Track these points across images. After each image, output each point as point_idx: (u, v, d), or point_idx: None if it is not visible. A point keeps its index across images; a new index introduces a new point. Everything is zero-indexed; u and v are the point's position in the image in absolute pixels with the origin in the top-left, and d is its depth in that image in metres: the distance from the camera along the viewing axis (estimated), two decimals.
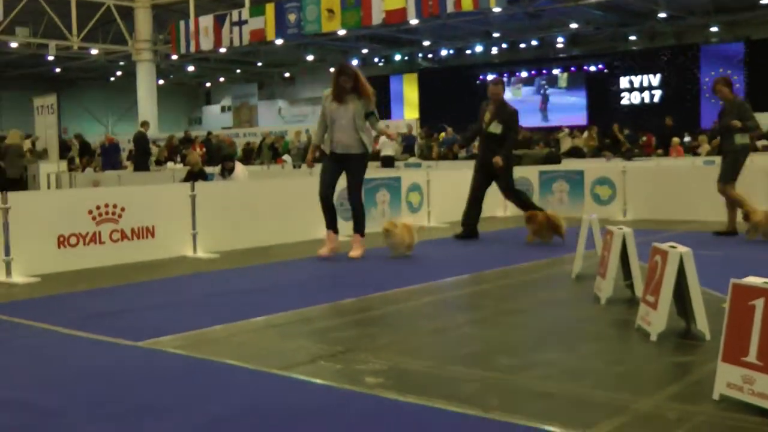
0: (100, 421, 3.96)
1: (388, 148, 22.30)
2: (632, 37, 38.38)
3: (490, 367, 4.76)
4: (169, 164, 24.02)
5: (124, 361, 5.15)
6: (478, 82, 39.53)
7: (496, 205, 14.10)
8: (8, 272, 8.41)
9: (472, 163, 18.56)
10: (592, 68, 38.31)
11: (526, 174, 14.49)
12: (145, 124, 24.07)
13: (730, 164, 10.87)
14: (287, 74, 48.25)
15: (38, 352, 5.46)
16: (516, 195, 11.73)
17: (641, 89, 36.94)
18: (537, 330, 5.89)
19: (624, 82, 37.23)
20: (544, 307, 6.71)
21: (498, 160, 10.94)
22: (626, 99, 37.19)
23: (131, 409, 4.13)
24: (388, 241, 9.34)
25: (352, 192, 9.57)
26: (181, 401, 4.24)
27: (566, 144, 25.06)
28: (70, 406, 4.21)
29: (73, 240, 9.00)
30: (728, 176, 10.85)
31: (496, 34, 37.66)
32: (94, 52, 34.94)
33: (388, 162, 21.02)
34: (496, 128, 11.12)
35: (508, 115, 11.24)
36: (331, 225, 9.56)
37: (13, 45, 32.42)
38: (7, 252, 8.41)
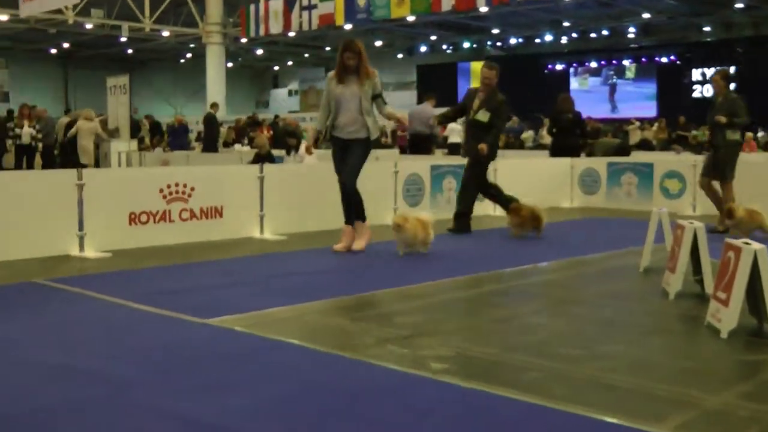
0: (168, 395, 4.04)
1: (455, 134, 22.14)
2: (706, 28, 37.49)
3: (554, 357, 4.74)
4: (237, 146, 24.18)
5: (192, 337, 5.24)
6: (546, 71, 39.24)
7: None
8: (81, 247, 8.60)
9: (540, 153, 18.55)
10: (664, 59, 37.66)
11: (594, 165, 14.35)
12: (214, 105, 24.34)
13: (723, 161, 10.62)
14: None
15: (110, 325, 5.58)
16: (485, 188, 10.97)
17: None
18: (602, 321, 5.84)
19: (696, 74, 36.42)
20: (609, 299, 6.65)
21: (483, 147, 10.33)
22: (698, 92, 36.44)
23: (198, 384, 4.20)
24: (398, 236, 8.58)
25: (347, 176, 8.82)
26: (246, 379, 4.31)
27: (635, 136, 24.73)
28: (141, 378, 4.30)
29: (143, 217, 9.16)
30: (728, 174, 10.65)
31: (566, 23, 37.25)
32: (165, 34, 35.36)
33: (454, 149, 20.89)
34: (483, 116, 10.55)
35: (497, 102, 10.64)
36: (351, 219, 8.90)
37: (88, 26, 32.99)
38: (81, 227, 8.60)
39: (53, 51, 44.69)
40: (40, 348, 4.92)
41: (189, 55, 45.71)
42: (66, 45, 42.02)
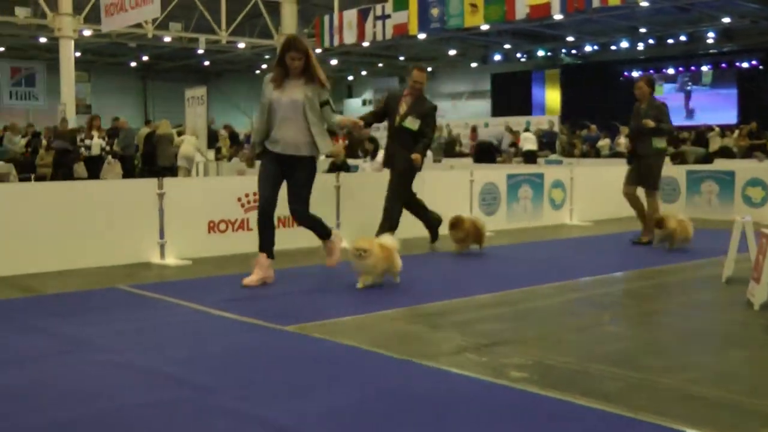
0: (247, 399, 4.09)
1: (529, 143, 22.05)
2: None
3: (635, 367, 4.67)
4: None
5: (269, 342, 5.30)
6: (622, 78, 38.68)
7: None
8: (162, 254, 8.77)
9: (617, 161, 18.31)
10: (745, 64, 36.87)
11: (672, 173, 14.11)
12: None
13: (648, 170, 10.28)
14: (429, 69, 48.36)
15: (190, 330, 5.68)
16: (410, 202, 9.92)
17: None
18: (684, 332, 5.74)
19: None
20: (691, 309, 6.53)
21: (417, 157, 9.46)
22: None
23: (278, 390, 4.24)
24: (357, 262, 7.14)
25: (296, 204, 7.55)
26: (324, 384, 4.33)
27: (715, 143, 24.28)
28: (222, 383, 4.36)
29: (222, 226, 9.31)
30: (655, 183, 10.36)
31: (642, 29, 36.74)
32: (241, 45, 35.72)
33: (530, 158, 20.81)
34: (412, 124, 9.60)
35: (427, 109, 9.79)
36: (266, 247, 7.48)
37: (167, 39, 33.56)
38: (162, 235, 8.77)
39: (133, 64, 45.57)
40: (124, 351, 5.02)
41: (264, 66, 46.17)
42: (145, 58, 42.82)
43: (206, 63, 44.67)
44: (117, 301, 6.72)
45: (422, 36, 29.98)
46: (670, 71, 39.40)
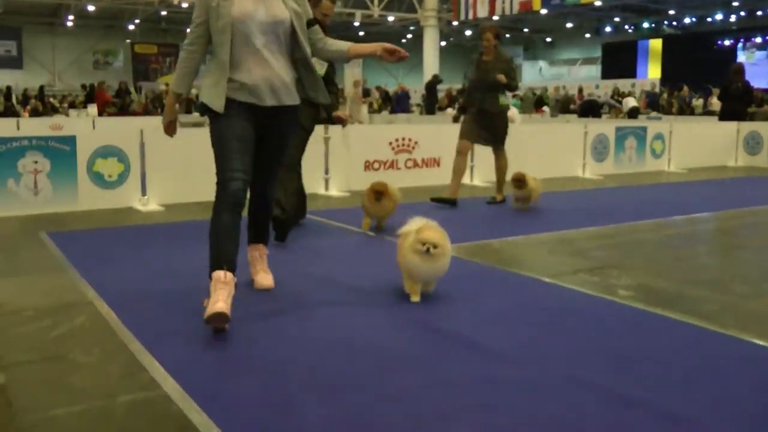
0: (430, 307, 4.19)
1: (632, 101, 21.36)
2: None
3: (726, 292, 4.56)
4: (448, 110, 24.33)
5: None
6: (715, 47, 36.83)
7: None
8: (327, 187, 8.98)
9: (709, 118, 17.54)
10: None
11: (758, 129, 13.44)
12: (436, 76, 24.67)
13: (501, 126, 8.08)
14: (548, 39, 47.20)
15: (349, 247, 5.84)
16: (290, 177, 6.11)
17: None
18: None
19: None
20: None
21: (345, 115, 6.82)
22: None
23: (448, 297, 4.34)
24: (423, 261, 4.73)
25: (267, 185, 4.30)
26: (464, 296, 4.40)
27: None
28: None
29: (376, 165, 9.46)
30: (504, 139, 8.17)
31: (735, 3, 34.82)
32: (390, 19, 35.71)
33: (633, 114, 20.17)
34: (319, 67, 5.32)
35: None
36: (229, 258, 3.82)
37: None
38: (327, 171, 8.97)
39: None
40: (307, 265, 5.20)
41: (409, 36, 45.96)
42: None
43: (361, 34, 44.77)
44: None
45: (544, 11, 29.20)
46: (758, 40, 37.18)
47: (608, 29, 41.68)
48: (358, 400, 2.82)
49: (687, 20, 38.99)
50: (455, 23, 35.55)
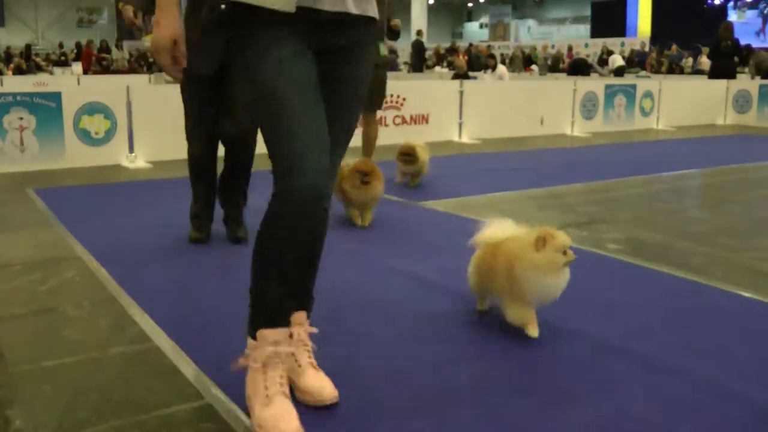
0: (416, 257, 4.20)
1: (618, 60, 21.35)
2: None
3: (714, 245, 4.60)
4: (437, 68, 24.19)
5: (405, 217, 5.38)
6: (705, 6, 36.64)
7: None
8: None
9: (698, 77, 17.50)
10: None
11: (746, 87, 13.47)
12: (420, 32, 24.42)
13: (379, 83, 6.16)
14: None
15: None
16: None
17: None
18: (753, 219, 5.56)
19: None
20: (759, 201, 6.31)
21: None
22: None
23: (423, 250, 4.34)
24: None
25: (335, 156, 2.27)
26: (452, 249, 4.40)
27: None
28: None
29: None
30: (381, 101, 6.59)
31: None
32: None
33: (619, 73, 20.13)
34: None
35: None
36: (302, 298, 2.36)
37: None
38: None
39: None
40: None
41: None
42: None
43: None
44: None
45: None
46: None
47: None
48: (346, 352, 2.84)
49: None
50: None
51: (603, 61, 23.19)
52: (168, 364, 2.72)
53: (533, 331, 2.91)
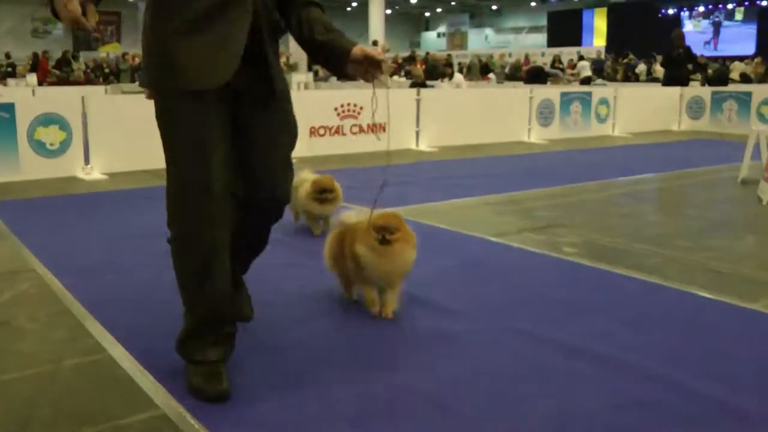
0: None
1: (586, 70, 21.64)
2: None
3: (669, 247, 4.66)
4: (395, 77, 24.29)
5: None
6: (659, 15, 37.33)
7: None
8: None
9: (653, 84, 17.78)
10: (764, 2, 35.15)
11: (700, 93, 13.74)
12: (375, 42, 24.54)
13: None
14: (494, 7, 47.29)
15: None
16: None
17: None
18: (708, 221, 5.66)
19: None
20: (713, 203, 6.43)
21: None
22: None
23: None
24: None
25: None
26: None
27: (737, 70, 23.48)
28: None
29: (321, 131, 9.40)
30: None
31: None
32: None
33: (586, 82, 20.43)
34: None
35: None
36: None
37: None
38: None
39: None
40: None
41: (355, 4, 45.68)
42: None
43: None
44: None
45: None
46: (701, 9, 37.80)
47: None
48: (303, 357, 2.82)
49: None
50: None
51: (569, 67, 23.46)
52: (123, 375, 2.69)
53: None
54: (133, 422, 2.33)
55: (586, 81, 20.57)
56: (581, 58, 24.36)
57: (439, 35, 51.50)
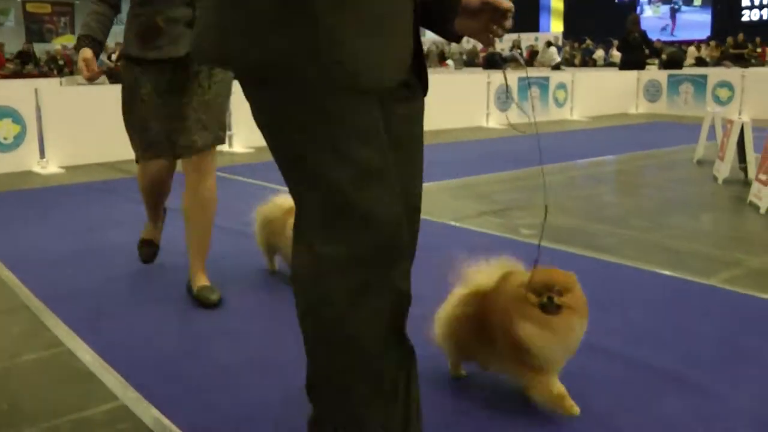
0: None
1: (555, 56, 21.75)
2: None
3: (627, 227, 4.74)
4: None
5: None
6: (617, 1, 37.70)
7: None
8: (230, 144, 8.79)
9: (610, 69, 17.94)
10: None
11: (656, 77, 13.91)
12: None
13: None
14: None
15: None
16: None
17: (761, 6, 34.23)
18: (665, 200, 5.76)
19: (746, 0, 34.57)
20: (670, 183, 6.54)
21: None
22: (747, 16, 34.58)
23: None
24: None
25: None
26: None
27: (692, 55, 23.81)
28: None
29: None
30: None
31: None
32: None
33: (557, 68, 20.57)
34: None
35: None
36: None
37: None
38: (230, 128, 8.77)
39: None
40: None
41: None
42: None
43: None
44: None
45: None
46: None
47: None
48: (267, 338, 2.83)
49: None
50: None
51: (535, 53, 23.56)
52: (82, 368, 2.66)
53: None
54: (94, 414, 2.32)
55: (557, 67, 20.74)
56: (549, 44, 24.50)
57: None
